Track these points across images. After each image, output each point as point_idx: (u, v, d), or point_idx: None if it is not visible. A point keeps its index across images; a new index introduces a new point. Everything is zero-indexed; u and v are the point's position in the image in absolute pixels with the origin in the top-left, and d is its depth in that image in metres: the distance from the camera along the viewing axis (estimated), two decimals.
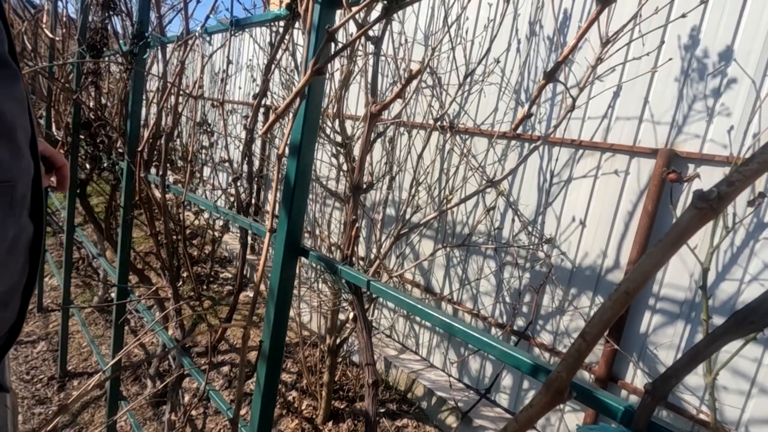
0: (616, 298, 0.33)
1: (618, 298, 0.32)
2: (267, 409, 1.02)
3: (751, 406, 1.67)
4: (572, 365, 0.35)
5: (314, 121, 0.94)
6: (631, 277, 0.32)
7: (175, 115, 1.71)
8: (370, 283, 0.85)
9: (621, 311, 0.33)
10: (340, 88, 1.90)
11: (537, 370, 0.53)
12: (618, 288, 0.32)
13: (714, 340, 0.45)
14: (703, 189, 0.31)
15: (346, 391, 2.72)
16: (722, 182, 0.29)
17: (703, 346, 0.46)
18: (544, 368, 0.56)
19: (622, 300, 0.32)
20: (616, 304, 0.33)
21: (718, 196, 0.29)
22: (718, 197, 0.28)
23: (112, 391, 2.11)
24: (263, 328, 1.01)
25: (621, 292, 0.32)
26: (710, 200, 0.29)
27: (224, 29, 1.32)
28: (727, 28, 1.73)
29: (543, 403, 0.37)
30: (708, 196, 0.29)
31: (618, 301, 0.33)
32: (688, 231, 0.30)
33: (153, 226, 1.76)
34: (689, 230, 0.30)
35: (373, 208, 3.09)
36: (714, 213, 0.29)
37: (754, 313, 0.38)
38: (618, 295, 0.32)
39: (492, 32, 2.40)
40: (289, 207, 0.96)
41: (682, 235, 0.30)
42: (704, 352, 0.46)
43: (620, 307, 0.33)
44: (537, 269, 2.29)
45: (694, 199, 0.30)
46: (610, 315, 0.33)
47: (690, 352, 0.46)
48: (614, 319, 0.33)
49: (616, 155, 2.02)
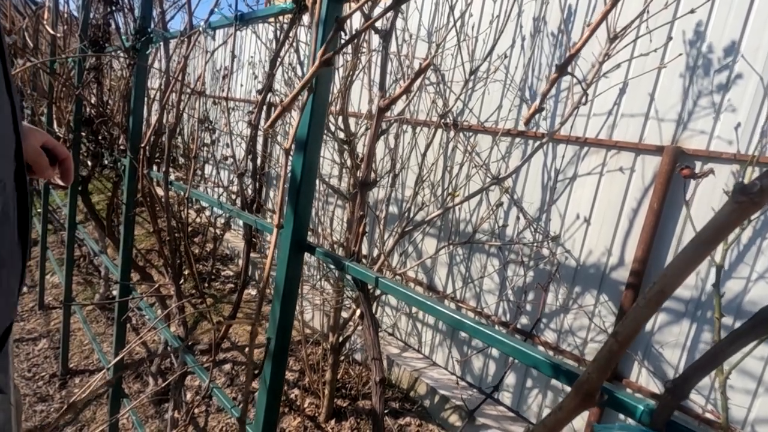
0: (650, 297, 0.31)
1: (652, 297, 0.31)
2: (272, 406, 1.01)
3: (757, 405, 1.66)
4: (604, 366, 0.34)
5: (321, 116, 0.92)
6: (667, 274, 0.30)
7: (178, 111, 1.69)
8: (378, 279, 0.84)
9: (655, 310, 0.32)
10: (344, 85, 1.89)
11: (556, 370, 0.52)
12: (652, 287, 0.31)
13: (736, 338, 0.44)
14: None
15: (349, 389, 2.71)
16: (764, 174, 0.28)
17: (725, 345, 0.44)
18: (561, 366, 0.55)
19: (657, 299, 0.31)
20: (650, 303, 0.31)
21: (760, 189, 0.27)
22: (761, 190, 0.27)
23: (114, 389, 2.10)
24: (269, 325, 1.00)
25: (656, 291, 0.31)
26: (752, 194, 0.27)
27: (229, 24, 1.30)
28: (735, 23, 1.71)
29: (573, 406, 0.35)
30: (750, 189, 0.27)
31: (653, 300, 0.31)
32: (728, 227, 0.28)
33: (155, 223, 1.75)
34: (728, 226, 0.28)
35: (377, 206, 3.08)
36: (756, 207, 0.28)
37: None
38: (652, 294, 0.31)
39: (497, 29, 2.38)
40: (296, 203, 0.95)
41: (722, 231, 0.29)
42: (726, 351, 0.45)
43: (655, 306, 0.32)
44: (541, 267, 2.27)
45: (734, 192, 0.28)
46: (644, 315, 0.32)
47: (711, 351, 0.45)
48: (648, 319, 0.32)
49: (621, 152, 2.00)
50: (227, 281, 4.29)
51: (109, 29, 2.28)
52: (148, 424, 2.57)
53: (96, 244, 3.12)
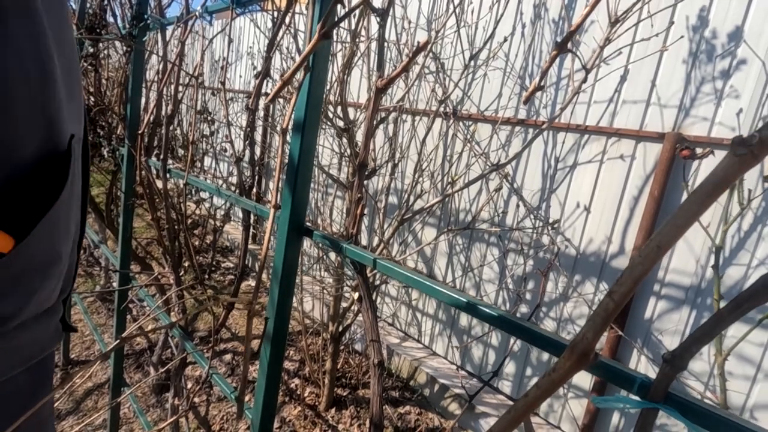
0: (647, 253, 0.31)
1: (649, 253, 0.31)
2: (271, 389, 1.01)
3: (756, 391, 1.67)
4: (599, 326, 0.33)
5: (319, 97, 0.91)
6: (664, 231, 0.30)
7: (176, 98, 1.68)
8: (376, 261, 0.83)
9: (651, 267, 0.31)
10: (342, 72, 1.87)
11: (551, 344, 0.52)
12: (649, 242, 0.31)
13: (735, 307, 0.43)
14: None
15: (349, 378, 2.72)
16: (764, 126, 0.27)
17: (725, 314, 0.44)
18: (558, 341, 0.55)
19: (653, 255, 0.31)
20: (646, 259, 0.31)
21: (759, 140, 0.27)
22: (761, 141, 0.26)
23: (115, 378, 2.11)
24: (267, 308, 0.99)
25: (653, 246, 0.30)
26: (751, 145, 0.27)
27: (225, 8, 1.29)
28: (738, 8, 1.69)
29: (567, 366, 0.35)
30: (749, 141, 0.27)
31: (649, 256, 0.31)
32: (726, 180, 0.28)
33: (154, 212, 1.75)
34: (727, 179, 0.28)
35: (376, 195, 3.07)
36: (755, 159, 0.27)
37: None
38: (649, 250, 0.31)
39: (496, 15, 2.36)
40: (293, 185, 0.94)
41: (719, 185, 0.28)
42: (725, 321, 0.44)
43: (651, 263, 0.31)
44: (540, 256, 2.27)
45: (733, 144, 0.28)
46: (640, 272, 0.31)
47: (709, 321, 0.44)
48: (645, 276, 0.32)
49: (622, 140, 1.99)
50: (227, 273, 4.29)
51: (105, 16, 2.26)
52: (149, 413, 2.58)
53: (96, 236, 3.12)
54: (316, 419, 2.40)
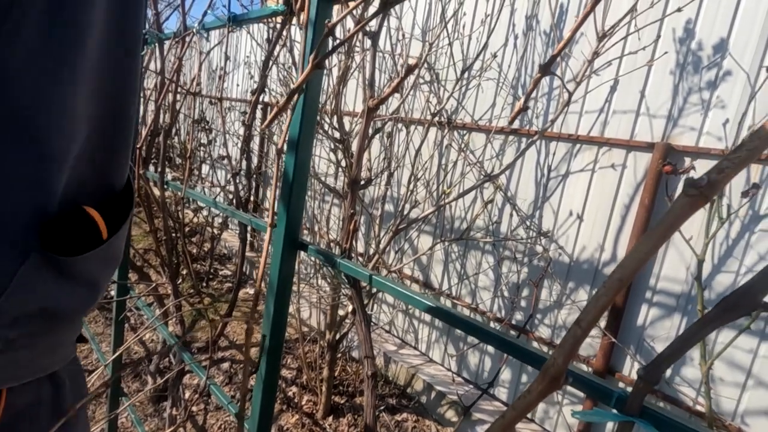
0: (609, 286, 0.33)
1: (611, 285, 0.33)
2: (268, 401, 1.03)
3: (746, 397, 1.69)
4: (568, 351, 0.36)
5: (312, 116, 0.94)
6: (624, 265, 0.32)
7: (173, 111, 1.71)
8: (372, 277, 0.86)
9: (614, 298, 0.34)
10: (338, 84, 1.90)
11: (535, 360, 0.54)
12: (611, 276, 0.33)
13: (704, 324, 0.46)
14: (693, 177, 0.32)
15: (346, 386, 2.73)
16: (713, 170, 0.30)
17: (694, 331, 0.47)
18: (542, 357, 0.57)
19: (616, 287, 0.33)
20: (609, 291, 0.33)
21: (708, 183, 0.29)
22: (709, 184, 0.29)
23: (113, 388, 2.12)
24: (263, 323, 1.02)
25: (614, 279, 0.33)
26: (701, 187, 0.29)
27: (222, 25, 1.32)
28: (723, 21, 1.73)
29: (540, 389, 0.38)
30: (698, 183, 0.29)
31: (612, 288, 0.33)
32: (680, 218, 0.30)
33: (152, 223, 1.77)
34: (681, 218, 0.30)
35: (372, 204, 3.10)
36: (705, 200, 0.30)
37: (741, 299, 0.39)
38: (612, 282, 0.33)
39: (489, 27, 2.40)
40: (288, 201, 0.97)
41: (674, 222, 0.31)
42: (695, 337, 0.47)
43: (614, 294, 0.34)
44: (535, 264, 2.30)
45: (685, 186, 0.30)
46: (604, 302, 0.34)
47: (681, 337, 0.47)
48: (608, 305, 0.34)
49: (612, 149, 2.02)
50: (225, 280, 4.30)
51: None
52: (147, 422, 2.59)
53: None
54: (313, 427, 2.41)
